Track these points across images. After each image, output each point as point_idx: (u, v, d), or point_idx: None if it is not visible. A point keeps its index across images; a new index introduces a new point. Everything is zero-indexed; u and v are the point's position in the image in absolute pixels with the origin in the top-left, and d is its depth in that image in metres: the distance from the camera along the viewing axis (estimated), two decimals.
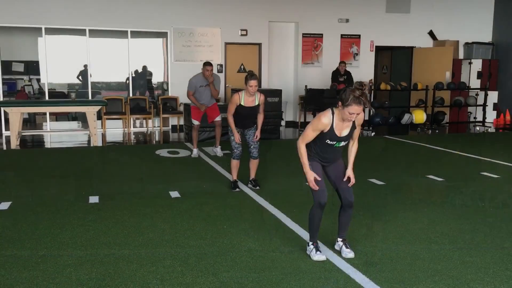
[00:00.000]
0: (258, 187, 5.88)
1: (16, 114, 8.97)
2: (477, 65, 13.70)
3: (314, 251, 3.75)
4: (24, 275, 3.44)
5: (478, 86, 13.31)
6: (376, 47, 13.48)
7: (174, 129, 11.88)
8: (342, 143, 3.69)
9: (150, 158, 7.95)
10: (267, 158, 7.54)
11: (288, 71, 13.05)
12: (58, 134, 11.18)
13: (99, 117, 10.70)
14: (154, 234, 4.30)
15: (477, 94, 13.14)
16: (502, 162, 7.65)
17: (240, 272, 3.52)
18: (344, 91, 3.48)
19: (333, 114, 3.58)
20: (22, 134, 10.01)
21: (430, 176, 6.64)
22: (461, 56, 14.03)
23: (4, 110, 10.79)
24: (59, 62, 11.95)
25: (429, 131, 11.72)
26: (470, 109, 13.51)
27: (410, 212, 5.00)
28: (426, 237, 4.26)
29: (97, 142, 9.44)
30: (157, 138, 10.80)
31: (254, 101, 5.68)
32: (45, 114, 11.68)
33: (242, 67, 12.45)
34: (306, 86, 12.02)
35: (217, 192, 5.78)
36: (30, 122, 12.59)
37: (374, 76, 13.78)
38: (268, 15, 12.30)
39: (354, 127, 3.68)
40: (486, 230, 4.43)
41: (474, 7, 13.99)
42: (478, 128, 12.50)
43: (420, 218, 4.79)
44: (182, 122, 11.52)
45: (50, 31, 11.16)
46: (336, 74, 12.07)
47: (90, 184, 6.15)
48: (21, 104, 9.75)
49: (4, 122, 11.04)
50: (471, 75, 13.76)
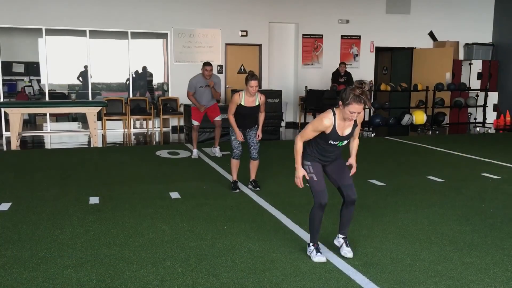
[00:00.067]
0: (258, 188, 5.88)
1: (16, 115, 8.97)
2: (477, 66, 13.71)
3: (314, 252, 3.75)
4: (24, 276, 3.44)
5: (478, 87, 13.31)
6: (376, 48, 13.49)
7: (174, 130, 11.89)
8: (345, 142, 3.70)
9: (150, 159, 7.95)
10: (267, 159, 7.54)
11: (288, 72, 13.06)
12: (58, 135, 11.18)
13: (99, 118, 10.71)
14: (154, 235, 4.30)
15: (477, 95, 13.15)
16: (502, 163, 7.65)
17: (240, 273, 3.52)
18: (344, 90, 3.49)
19: (334, 114, 3.59)
20: (23, 135, 10.01)
21: (430, 177, 6.64)
22: (461, 57, 14.04)
23: (4, 111, 10.80)
24: (60, 63, 11.95)
25: (429, 132, 11.72)
26: (470, 110, 13.52)
27: (410, 213, 5.00)
28: (426, 238, 4.26)
29: (97, 143, 9.45)
30: (157, 139, 10.80)
31: (254, 101, 5.70)
32: (45, 115, 11.68)
33: (242, 68, 12.46)
34: (306, 87, 12.03)
35: (217, 193, 5.78)
36: (31, 123, 12.59)
37: (374, 77, 13.78)
38: (268, 16, 12.30)
39: (355, 125, 3.69)
40: (486, 231, 4.43)
41: (474, 8, 14.00)
42: (478, 129, 12.49)
43: (420, 219, 4.79)
44: (182, 123, 11.53)
45: (51, 32, 11.17)
46: (336, 75, 12.08)
47: (90, 185, 6.15)
48: (21, 105, 9.76)
49: (4, 123, 11.05)
50: (471, 76, 13.78)
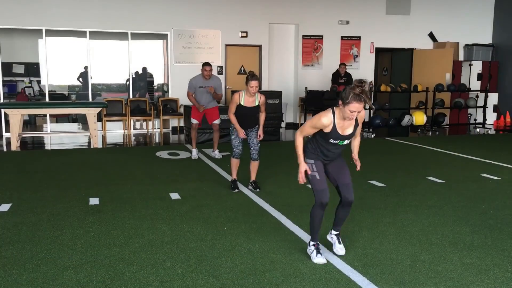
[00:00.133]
0: (258, 189, 5.87)
1: (16, 115, 8.97)
2: (477, 67, 13.71)
3: (314, 253, 3.74)
4: (24, 277, 3.44)
5: (478, 88, 13.31)
6: (376, 49, 13.49)
7: (174, 130, 11.89)
8: (346, 141, 3.70)
9: (150, 160, 7.95)
10: (267, 160, 7.54)
11: (288, 73, 13.06)
12: (58, 136, 11.18)
13: (99, 118, 10.72)
14: (154, 236, 4.30)
15: (477, 96, 13.15)
16: (503, 163, 7.65)
17: (240, 274, 3.52)
18: (344, 90, 3.49)
19: (333, 114, 3.59)
20: (23, 135, 10.01)
21: (430, 177, 6.64)
22: (461, 58, 14.04)
23: (4, 112, 10.81)
24: (60, 63, 11.95)
25: (429, 133, 11.72)
26: (470, 110, 13.53)
27: (411, 214, 5.00)
28: (426, 239, 4.26)
29: (97, 143, 9.44)
30: (157, 140, 10.80)
31: (254, 101, 5.72)
32: (45, 115, 11.68)
33: (242, 69, 12.46)
34: (306, 87, 12.03)
35: (217, 193, 5.78)
36: (31, 123, 12.59)
37: (374, 77, 13.78)
38: (268, 17, 12.31)
39: (357, 125, 3.69)
40: (486, 232, 4.43)
41: (474, 9, 14.00)
42: (478, 129, 12.49)
43: (420, 220, 4.79)
44: (182, 124, 11.54)
45: (51, 33, 11.17)
46: (336, 76, 12.09)
47: (90, 186, 6.15)
48: (21, 105, 9.76)
49: (4, 123, 11.05)
50: (471, 77, 13.78)
